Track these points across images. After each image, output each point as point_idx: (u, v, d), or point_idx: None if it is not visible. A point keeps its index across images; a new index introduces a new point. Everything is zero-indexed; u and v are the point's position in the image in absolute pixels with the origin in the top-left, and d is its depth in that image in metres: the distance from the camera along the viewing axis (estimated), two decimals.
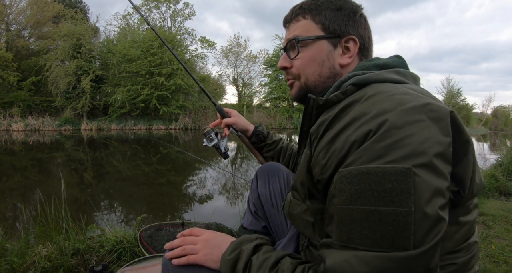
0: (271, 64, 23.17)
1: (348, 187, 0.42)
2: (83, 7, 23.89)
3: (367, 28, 0.65)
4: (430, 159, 0.40)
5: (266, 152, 1.20)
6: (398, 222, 0.37)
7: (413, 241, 0.37)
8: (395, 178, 0.39)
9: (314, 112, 0.57)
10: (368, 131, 0.43)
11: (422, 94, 0.49)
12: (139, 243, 1.63)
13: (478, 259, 1.45)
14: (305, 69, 0.66)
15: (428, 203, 0.38)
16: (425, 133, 0.41)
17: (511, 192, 3.69)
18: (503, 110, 37.55)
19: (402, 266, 0.37)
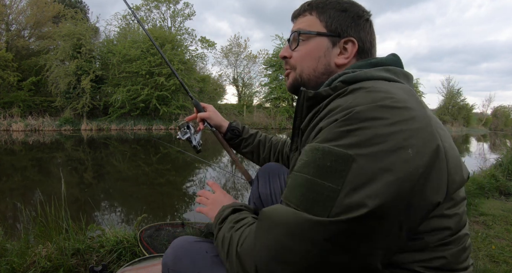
0: (271, 64, 23.17)
1: (302, 158, 0.48)
2: (83, 7, 23.89)
3: (370, 34, 0.67)
4: (373, 154, 0.43)
5: (245, 148, 1.17)
6: (323, 194, 0.43)
7: (329, 212, 0.41)
8: (336, 159, 0.44)
9: (304, 104, 0.60)
10: (335, 119, 0.48)
11: (404, 95, 0.50)
12: (139, 243, 1.63)
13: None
14: (301, 61, 0.69)
15: (355, 189, 0.41)
16: (379, 130, 0.44)
17: (511, 192, 3.69)
18: (503, 110, 37.56)
19: (311, 227, 0.42)
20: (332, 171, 0.43)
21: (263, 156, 1.15)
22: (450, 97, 32.04)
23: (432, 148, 0.45)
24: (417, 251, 0.47)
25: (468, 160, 7.53)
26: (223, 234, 0.62)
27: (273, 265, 0.44)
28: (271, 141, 1.16)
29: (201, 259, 0.71)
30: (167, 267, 0.73)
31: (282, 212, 0.46)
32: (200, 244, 0.75)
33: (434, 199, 0.45)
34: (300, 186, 0.46)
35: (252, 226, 0.54)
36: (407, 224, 0.44)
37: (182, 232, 1.90)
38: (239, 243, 0.53)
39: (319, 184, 0.43)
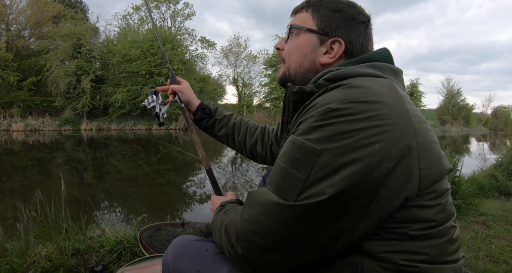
0: (271, 64, 23.15)
1: (283, 147, 0.53)
2: (83, 7, 23.90)
3: (364, 36, 0.66)
4: (339, 148, 0.46)
5: (219, 131, 1.09)
6: (292, 182, 0.48)
7: (296, 198, 0.47)
8: (304, 152, 0.48)
9: (290, 98, 0.61)
10: (311, 115, 0.51)
11: (382, 90, 0.51)
12: (139, 243, 1.63)
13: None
14: (290, 55, 0.71)
15: (318, 180, 0.46)
16: (347, 126, 0.47)
17: (511, 192, 3.69)
18: (503, 110, 37.56)
19: (280, 209, 0.48)
20: (301, 163, 0.48)
21: (238, 140, 1.09)
22: (450, 97, 32.04)
23: (402, 144, 0.46)
24: (398, 240, 0.48)
25: (468, 160, 7.54)
26: (215, 223, 0.68)
27: (250, 235, 0.51)
28: (247, 124, 1.11)
29: (201, 257, 0.72)
30: (167, 266, 0.73)
31: (262, 193, 0.53)
32: (200, 243, 0.75)
33: (401, 193, 0.46)
34: (277, 172, 0.51)
35: (239, 208, 0.61)
36: (369, 214, 0.46)
37: (182, 232, 1.90)
38: (227, 219, 0.60)
39: (291, 173, 0.49)
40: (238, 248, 0.53)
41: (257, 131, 1.09)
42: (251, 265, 0.53)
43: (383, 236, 0.48)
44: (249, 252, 0.52)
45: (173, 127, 17.49)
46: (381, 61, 0.61)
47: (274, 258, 0.51)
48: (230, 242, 0.55)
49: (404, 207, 0.47)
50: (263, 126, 1.11)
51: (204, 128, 1.12)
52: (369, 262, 0.49)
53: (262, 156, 1.06)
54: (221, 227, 0.61)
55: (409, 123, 0.49)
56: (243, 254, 0.52)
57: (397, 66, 0.63)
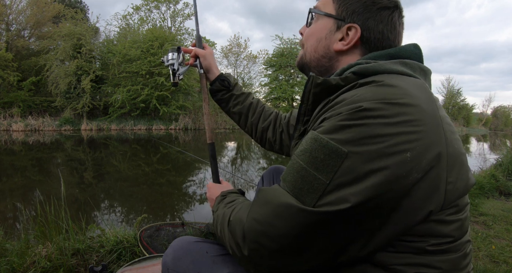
0: (271, 64, 23.16)
1: (303, 144, 0.49)
2: (83, 7, 23.89)
3: (386, 24, 0.60)
4: (367, 153, 0.42)
5: (234, 107, 1.04)
6: (312, 184, 0.44)
7: (313, 202, 0.44)
8: (329, 153, 0.44)
9: (312, 90, 0.57)
10: (339, 112, 0.47)
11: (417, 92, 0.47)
12: (139, 243, 1.63)
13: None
14: (307, 40, 0.69)
15: (342, 186, 0.42)
16: (379, 129, 0.43)
17: (511, 192, 3.69)
18: (503, 110, 37.58)
19: (296, 213, 0.45)
20: (324, 165, 0.44)
21: (251, 120, 1.04)
22: (450, 97, 32.06)
23: (433, 154, 0.43)
24: (413, 253, 0.46)
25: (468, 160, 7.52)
26: (216, 215, 0.65)
27: (259, 237, 0.47)
28: (263, 106, 1.06)
29: (201, 259, 0.71)
30: (167, 267, 0.73)
31: (276, 192, 0.49)
32: (200, 244, 0.75)
33: (425, 206, 0.44)
34: (295, 172, 0.47)
35: (245, 202, 0.59)
36: (388, 225, 0.44)
37: (182, 232, 1.90)
38: (232, 214, 0.57)
39: (311, 174, 0.45)
40: (244, 249, 0.50)
41: (272, 116, 1.04)
42: (256, 267, 0.51)
43: (398, 249, 0.46)
44: (256, 254, 0.49)
45: (173, 127, 17.48)
46: (411, 58, 0.57)
47: (282, 262, 0.48)
48: (236, 240, 0.52)
49: (425, 221, 0.45)
50: (277, 111, 1.07)
51: (219, 100, 1.05)
52: (379, 272, 0.47)
53: (271, 142, 1.02)
54: (223, 221, 0.59)
55: (441, 132, 0.46)
56: (249, 255, 0.50)
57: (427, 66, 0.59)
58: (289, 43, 22.16)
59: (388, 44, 0.61)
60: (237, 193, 0.74)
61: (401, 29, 0.63)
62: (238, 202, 0.65)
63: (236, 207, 0.60)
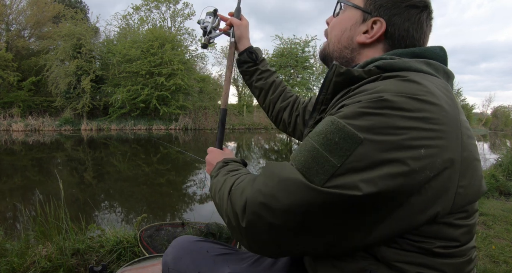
0: (271, 64, 23.12)
1: (319, 126, 0.49)
2: (83, 7, 23.89)
3: (413, 22, 0.60)
4: (383, 143, 0.42)
5: (256, 81, 1.06)
6: (322, 165, 0.44)
7: (321, 182, 0.43)
8: (344, 136, 0.44)
9: (333, 79, 0.56)
10: (359, 100, 0.47)
11: (439, 92, 0.47)
12: (139, 243, 1.63)
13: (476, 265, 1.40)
14: (332, 30, 0.69)
15: (352, 171, 0.42)
16: (398, 121, 0.43)
17: (511, 192, 3.69)
18: (503, 110, 37.58)
19: (302, 189, 0.44)
20: (337, 148, 0.44)
21: (270, 98, 1.05)
22: None
23: (447, 156, 0.43)
24: (418, 253, 0.46)
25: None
26: (216, 180, 0.65)
27: (261, 209, 0.47)
28: (284, 87, 1.07)
29: (202, 258, 0.71)
30: (167, 266, 0.72)
31: (284, 167, 0.48)
32: (201, 243, 0.75)
33: (432, 207, 0.44)
34: (307, 151, 0.47)
35: (250, 174, 0.58)
36: (393, 220, 0.44)
37: (182, 232, 1.90)
38: (235, 183, 0.56)
39: (323, 155, 0.44)
40: (242, 220, 0.49)
41: (291, 98, 1.05)
42: (251, 240, 0.50)
43: (403, 247, 0.46)
44: (254, 226, 0.48)
45: (173, 127, 17.48)
46: (436, 60, 0.57)
47: (278, 239, 0.47)
48: (234, 210, 0.51)
49: (433, 222, 0.45)
50: (298, 95, 1.08)
51: (243, 72, 1.09)
52: (383, 270, 0.47)
53: (286, 123, 1.03)
54: (224, 188, 0.58)
55: (459, 135, 0.46)
56: (247, 227, 0.48)
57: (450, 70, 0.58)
58: (289, 43, 22.14)
59: (412, 42, 0.61)
60: (240, 163, 0.73)
61: (428, 30, 0.62)
62: (242, 172, 0.64)
63: (240, 177, 0.59)
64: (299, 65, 21.31)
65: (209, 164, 0.80)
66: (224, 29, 1.05)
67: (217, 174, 0.68)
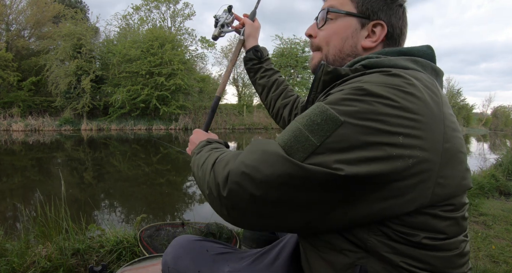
0: None
1: (306, 111, 0.51)
2: (83, 7, 23.89)
3: (402, 20, 0.63)
4: (362, 127, 0.44)
5: (260, 78, 1.11)
6: (303, 144, 0.46)
7: (301, 160, 0.45)
8: (326, 118, 0.46)
9: (322, 77, 0.58)
10: (342, 89, 0.49)
11: (422, 85, 0.48)
12: (139, 243, 1.63)
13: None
14: (329, 41, 0.66)
15: (330, 151, 0.45)
16: (380, 108, 0.45)
17: (511, 192, 3.70)
18: (503, 110, 37.60)
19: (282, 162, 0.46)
20: (318, 128, 0.46)
21: (272, 95, 1.10)
22: (450, 97, 32.10)
23: (427, 145, 0.45)
24: (406, 245, 0.47)
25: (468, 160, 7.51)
26: (200, 154, 0.66)
27: (243, 179, 0.48)
28: (286, 86, 1.11)
29: (202, 257, 0.71)
30: (167, 266, 0.73)
31: (268, 142, 0.51)
32: (201, 243, 0.75)
33: (408, 195, 0.45)
34: (291, 132, 0.49)
35: (234, 151, 0.59)
36: (367, 203, 0.45)
37: (182, 232, 1.90)
38: (220, 157, 0.57)
39: (304, 135, 0.47)
40: (223, 189, 0.50)
41: (292, 96, 1.09)
42: (230, 209, 0.51)
43: (391, 237, 0.47)
44: (235, 195, 0.49)
45: (173, 127, 17.48)
46: (424, 58, 0.58)
47: (257, 210, 0.49)
48: (216, 181, 0.52)
49: (417, 213, 0.46)
50: (298, 95, 1.11)
51: (249, 69, 1.14)
52: (373, 263, 0.47)
53: (285, 120, 1.07)
54: (207, 161, 0.59)
55: (441, 127, 0.47)
56: (227, 197, 0.49)
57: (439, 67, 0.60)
58: (289, 43, 22.16)
59: (403, 39, 0.64)
60: (223, 144, 0.76)
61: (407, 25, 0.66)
62: (225, 150, 0.66)
63: (224, 152, 0.61)
64: (299, 65, 21.33)
65: (192, 143, 0.82)
66: (237, 27, 1.11)
67: (199, 151, 0.69)
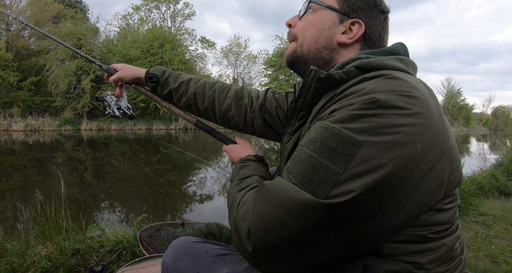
0: (271, 64, 23.15)
1: (311, 134, 0.48)
2: (83, 7, 23.89)
3: (383, 27, 0.64)
4: (382, 143, 0.42)
5: (179, 101, 0.94)
6: (324, 174, 0.43)
7: (327, 193, 0.42)
8: (343, 142, 0.43)
9: (313, 85, 0.56)
10: (351, 103, 0.46)
11: (421, 87, 0.50)
12: (139, 243, 1.63)
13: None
14: (305, 30, 0.66)
15: (357, 175, 0.41)
16: (394, 120, 0.43)
17: (511, 192, 3.69)
18: (503, 110, 37.60)
19: (308, 207, 0.42)
20: (337, 154, 0.43)
21: (203, 108, 0.92)
22: (450, 97, 32.09)
23: (438, 147, 0.45)
24: (416, 243, 0.47)
25: (468, 160, 7.53)
26: (230, 189, 0.65)
27: (265, 234, 0.45)
28: (214, 89, 0.91)
29: (201, 259, 0.71)
30: (166, 267, 0.73)
31: (283, 186, 0.46)
32: (200, 244, 0.75)
33: (432, 197, 0.45)
34: (304, 162, 0.45)
35: (253, 192, 0.55)
36: (398, 216, 0.44)
37: (182, 232, 1.90)
38: (238, 207, 0.54)
39: (323, 164, 0.43)
40: (248, 245, 0.47)
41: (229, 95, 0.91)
42: (258, 263, 0.49)
43: (401, 239, 0.46)
44: (260, 251, 0.46)
45: (173, 127, 17.48)
46: (402, 55, 0.59)
47: (288, 259, 0.46)
48: (240, 236, 0.49)
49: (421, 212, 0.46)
50: (237, 89, 0.93)
51: (165, 98, 0.96)
52: (381, 265, 0.47)
53: (239, 123, 0.91)
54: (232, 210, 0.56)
55: (444, 125, 0.47)
56: (253, 252, 0.47)
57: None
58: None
59: (382, 45, 0.65)
60: (255, 161, 0.75)
61: (388, 33, 0.67)
62: (250, 184, 0.61)
63: (245, 195, 0.56)
64: None
65: (231, 158, 0.85)
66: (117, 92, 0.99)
67: (233, 178, 0.69)
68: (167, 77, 0.94)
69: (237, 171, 0.70)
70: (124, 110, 1.00)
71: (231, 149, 0.86)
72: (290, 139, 0.64)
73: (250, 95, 0.91)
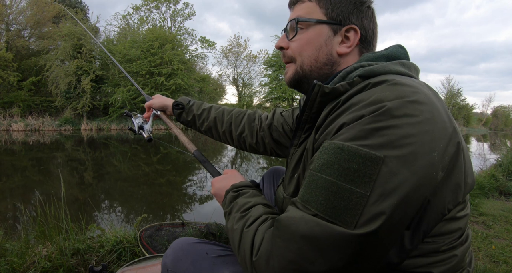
0: (271, 64, 23.16)
1: (323, 156, 0.44)
2: (83, 7, 23.89)
3: (373, 21, 0.62)
4: (404, 156, 0.40)
5: (201, 126, 1.08)
6: (351, 200, 0.39)
7: (357, 221, 0.39)
8: (363, 161, 0.40)
9: (317, 99, 0.54)
10: (361, 115, 0.44)
11: (427, 91, 0.48)
12: (139, 243, 1.63)
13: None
14: (301, 51, 0.63)
15: (386, 194, 0.39)
16: (409, 129, 0.41)
17: (511, 192, 3.69)
18: (503, 110, 37.61)
19: (338, 241, 0.39)
20: (360, 175, 0.40)
21: (222, 131, 1.04)
22: (450, 97, 32.10)
23: (452, 151, 0.43)
24: (430, 255, 0.46)
25: None
26: (231, 224, 0.59)
27: None
28: (231, 114, 1.04)
29: (201, 260, 0.71)
30: (166, 268, 0.72)
31: (302, 221, 0.42)
32: (201, 245, 0.75)
33: (450, 202, 0.44)
34: (322, 189, 0.42)
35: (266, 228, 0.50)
36: (422, 227, 0.43)
37: (182, 232, 1.90)
38: (254, 250, 0.49)
39: (346, 189, 0.40)
40: None
41: (244, 120, 1.02)
42: None
43: (416, 252, 0.46)
44: None
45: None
46: (403, 58, 0.57)
47: None
48: None
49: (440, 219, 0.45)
50: (250, 113, 1.04)
51: (188, 125, 1.13)
52: None
53: (253, 145, 1.00)
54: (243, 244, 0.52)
55: (455, 127, 0.46)
56: None
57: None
58: None
59: (375, 40, 0.63)
60: (250, 187, 0.67)
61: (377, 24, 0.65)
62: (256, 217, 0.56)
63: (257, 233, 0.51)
64: None
65: (218, 197, 0.73)
66: (145, 115, 1.17)
67: (230, 210, 0.62)
68: (192, 105, 1.09)
69: (233, 201, 0.63)
70: (145, 132, 1.14)
71: (216, 179, 0.76)
72: (296, 151, 0.63)
73: (260, 117, 1.02)
